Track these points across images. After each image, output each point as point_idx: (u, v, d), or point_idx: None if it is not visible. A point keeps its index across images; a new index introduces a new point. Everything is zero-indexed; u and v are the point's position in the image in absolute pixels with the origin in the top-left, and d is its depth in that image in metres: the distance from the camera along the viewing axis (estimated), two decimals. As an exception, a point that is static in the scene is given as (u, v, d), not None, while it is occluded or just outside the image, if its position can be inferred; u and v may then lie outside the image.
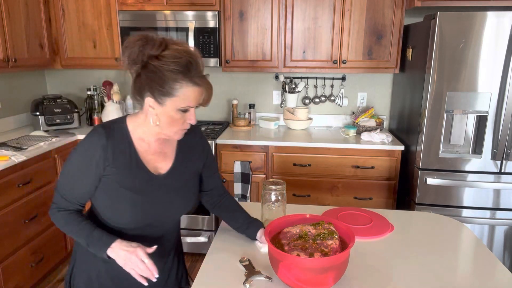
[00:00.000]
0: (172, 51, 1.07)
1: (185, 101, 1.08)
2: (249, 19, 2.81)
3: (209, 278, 1.12)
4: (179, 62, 1.05)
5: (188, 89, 1.07)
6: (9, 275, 2.21)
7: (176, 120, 1.12)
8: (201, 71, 1.10)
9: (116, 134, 1.16)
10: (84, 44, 2.95)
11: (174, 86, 1.06)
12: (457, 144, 2.40)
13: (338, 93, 3.17)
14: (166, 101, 1.08)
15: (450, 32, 2.21)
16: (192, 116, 1.13)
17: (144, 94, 1.10)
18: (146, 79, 1.07)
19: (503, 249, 2.48)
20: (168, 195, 1.21)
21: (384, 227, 1.43)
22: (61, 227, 1.19)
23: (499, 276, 1.14)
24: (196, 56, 1.10)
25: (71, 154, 1.16)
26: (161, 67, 1.05)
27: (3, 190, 2.14)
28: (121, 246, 1.11)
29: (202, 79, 1.09)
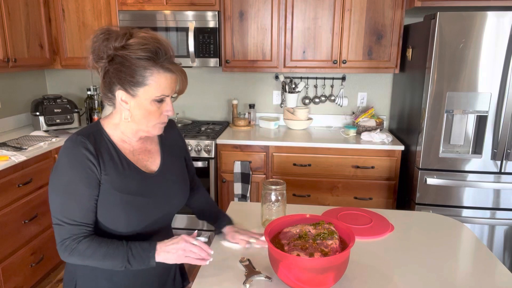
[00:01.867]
0: (138, 38, 1.02)
1: (159, 89, 1.03)
2: (249, 19, 2.81)
3: (209, 278, 1.12)
4: (147, 48, 1.00)
5: (160, 75, 1.02)
6: (9, 275, 2.21)
7: (152, 112, 1.07)
8: (172, 57, 1.05)
9: (97, 140, 1.09)
10: (84, 44, 2.95)
11: (145, 73, 1.01)
12: (457, 144, 2.40)
13: (338, 93, 3.17)
14: (139, 91, 1.03)
15: (450, 32, 2.21)
16: (168, 106, 1.08)
17: (114, 88, 1.05)
18: (115, 72, 1.02)
19: (503, 249, 2.48)
20: (166, 191, 1.19)
21: (384, 227, 1.43)
22: (86, 258, 1.04)
23: (499, 276, 1.14)
24: (165, 42, 1.05)
25: (57, 175, 1.04)
26: (128, 56, 1.00)
27: (3, 190, 2.14)
28: (165, 245, 1.07)
29: (174, 65, 1.05)
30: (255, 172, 2.76)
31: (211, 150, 2.72)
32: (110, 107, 1.16)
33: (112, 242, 1.06)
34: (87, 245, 1.04)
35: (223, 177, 2.79)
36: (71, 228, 1.04)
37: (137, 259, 1.05)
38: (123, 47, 1.02)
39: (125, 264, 1.05)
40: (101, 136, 1.11)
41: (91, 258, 1.04)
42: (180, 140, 1.34)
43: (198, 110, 3.36)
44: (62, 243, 1.04)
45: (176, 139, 1.32)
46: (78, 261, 1.05)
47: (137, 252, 1.05)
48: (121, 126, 1.13)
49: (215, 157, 2.76)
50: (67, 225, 1.03)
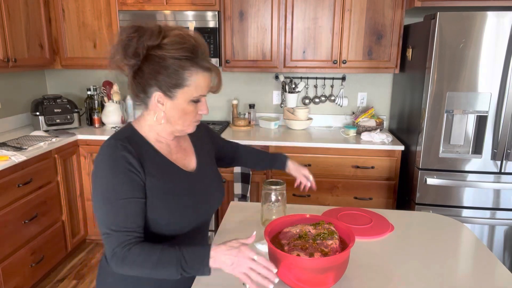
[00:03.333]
0: (174, 36, 0.97)
1: (197, 89, 1.00)
2: (249, 19, 2.81)
3: (209, 278, 1.12)
4: (185, 47, 0.96)
5: (199, 76, 0.99)
6: (9, 275, 2.21)
7: (189, 112, 1.03)
8: (206, 54, 1.01)
9: (135, 142, 1.04)
10: (84, 44, 2.95)
11: (184, 75, 0.97)
12: (457, 144, 2.40)
13: (338, 93, 3.17)
14: (177, 93, 0.99)
15: (450, 32, 2.21)
16: (203, 106, 1.05)
17: (149, 89, 1.00)
18: (150, 72, 0.98)
19: (503, 249, 2.48)
20: (206, 189, 1.16)
21: (384, 227, 1.43)
22: (138, 267, 0.95)
23: (499, 276, 1.14)
24: (201, 39, 1.00)
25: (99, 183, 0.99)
26: (166, 56, 0.95)
27: (3, 190, 2.14)
28: (221, 251, 0.96)
29: (210, 63, 1.01)
30: (255, 172, 2.76)
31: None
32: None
33: (164, 249, 0.96)
34: (138, 252, 0.95)
35: (223, 177, 2.79)
36: (119, 236, 0.96)
37: (191, 267, 0.96)
38: (159, 46, 0.96)
39: (179, 272, 0.95)
40: (138, 138, 1.06)
41: (143, 266, 0.95)
42: (206, 132, 1.33)
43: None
44: (113, 254, 0.96)
45: (203, 136, 1.29)
46: (130, 271, 0.96)
47: (190, 260, 0.96)
48: (156, 127, 1.08)
49: (215, 157, 2.76)
50: (115, 233, 0.96)
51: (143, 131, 1.08)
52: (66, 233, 2.77)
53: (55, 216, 2.63)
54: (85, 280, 2.63)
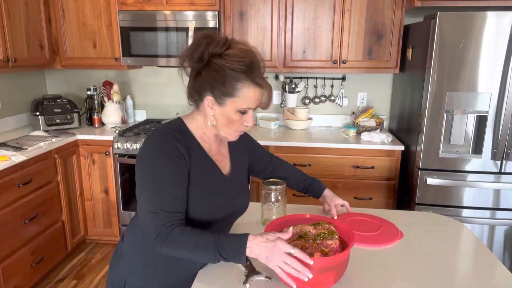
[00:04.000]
0: (236, 50, 1.05)
1: (246, 102, 1.07)
2: (249, 19, 2.81)
3: (209, 278, 1.12)
4: (243, 61, 1.03)
5: (250, 89, 1.06)
6: (9, 275, 2.21)
7: (234, 121, 1.10)
8: (263, 72, 1.09)
9: (184, 134, 1.13)
10: (84, 44, 2.95)
11: (236, 86, 1.04)
12: (457, 144, 2.40)
13: (338, 93, 3.17)
14: (227, 101, 1.06)
15: (450, 32, 2.21)
16: (249, 118, 1.12)
17: (204, 93, 1.08)
18: (208, 78, 1.06)
19: (503, 249, 2.48)
20: (235, 194, 1.23)
21: (392, 234, 1.37)
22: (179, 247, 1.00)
23: (499, 276, 1.14)
24: (259, 56, 1.08)
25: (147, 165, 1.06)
26: (224, 66, 1.03)
27: (3, 190, 2.14)
28: (257, 242, 0.98)
29: (264, 81, 1.08)
30: (255, 172, 2.76)
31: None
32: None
33: (204, 232, 1.01)
34: (180, 232, 1.01)
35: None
36: (167, 216, 1.02)
37: (227, 252, 0.99)
38: (221, 55, 1.05)
39: (217, 257, 1.00)
40: (187, 131, 1.14)
41: (183, 246, 1.00)
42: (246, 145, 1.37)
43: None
44: (158, 233, 1.01)
45: (241, 144, 1.34)
46: (171, 250, 1.01)
47: (228, 246, 0.99)
48: (203, 127, 1.16)
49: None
50: (163, 213, 1.02)
51: (191, 127, 1.16)
52: (66, 233, 2.77)
53: (55, 216, 2.63)
54: (85, 280, 2.63)
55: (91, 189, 2.95)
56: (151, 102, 3.41)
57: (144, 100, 3.41)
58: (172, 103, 3.39)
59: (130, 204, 2.90)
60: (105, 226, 3.01)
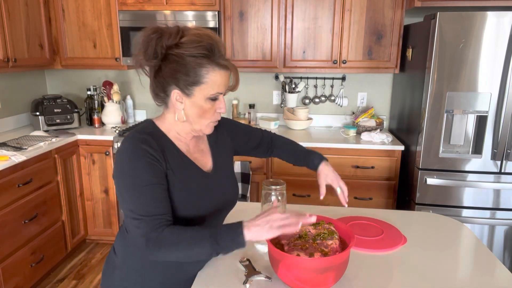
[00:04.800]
0: (191, 36, 1.00)
1: (214, 86, 1.02)
2: (249, 19, 2.81)
3: (209, 278, 1.12)
4: (202, 45, 0.99)
5: (215, 73, 1.01)
6: (9, 275, 2.21)
7: (207, 110, 1.05)
8: (224, 53, 1.04)
9: (157, 137, 1.07)
10: (84, 44, 2.95)
11: (201, 72, 1.00)
12: (457, 144, 2.40)
13: (338, 93, 3.17)
14: (194, 91, 1.02)
15: (450, 32, 2.21)
16: (221, 103, 1.07)
17: (168, 88, 1.04)
18: (169, 71, 1.01)
19: (503, 249, 2.48)
20: (220, 190, 1.19)
21: (396, 239, 1.35)
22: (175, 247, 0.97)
23: (499, 276, 1.14)
24: (217, 38, 1.03)
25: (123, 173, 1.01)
26: (183, 54, 0.98)
27: (3, 190, 2.14)
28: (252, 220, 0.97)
29: (228, 61, 1.03)
30: (255, 172, 2.76)
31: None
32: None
33: (196, 227, 0.99)
34: (170, 232, 0.97)
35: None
36: (150, 220, 0.98)
37: (226, 241, 0.95)
38: (177, 45, 1.00)
39: (214, 248, 0.96)
40: (160, 134, 1.09)
41: (177, 245, 0.96)
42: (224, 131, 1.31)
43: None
44: (147, 239, 0.97)
45: (222, 134, 1.29)
46: (167, 252, 0.97)
47: (224, 231, 0.96)
48: (175, 126, 1.11)
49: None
50: (146, 218, 0.98)
51: (164, 128, 1.11)
52: (66, 233, 2.77)
53: (55, 216, 2.63)
54: (85, 280, 2.63)
55: (91, 189, 2.95)
56: (151, 102, 3.41)
57: (144, 100, 3.41)
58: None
59: (130, 204, 2.90)
60: (105, 226, 3.01)
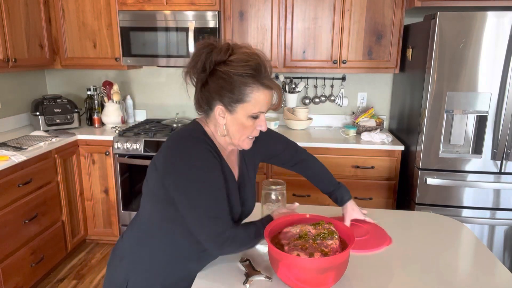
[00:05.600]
0: (240, 54, 1.04)
1: (257, 106, 1.05)
2: (249, 19, 2.81)
3: (209, 278, 1.12)
4: (249, 65, 1.02)
5: (259, 93, 1.04)
6: (9, 275, 2.21)
7: (247, 127, 1.09)
8: (270, 73, 1.07)
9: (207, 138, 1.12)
10: (84, 44, 2.95)
11: (245, 91, 1.03)
12: (457, 144, 2.40)
13: (338, 93, 3.17)
14: (237, 108, 1.05)
15: (450, 32, 2.21)
16: (262, 122, 1.10)
17: (213, 102, 1.07)
18: (215, 87, 1.04)
19: (503, 249, 2.48)
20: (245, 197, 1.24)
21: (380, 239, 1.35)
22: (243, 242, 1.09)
23: (499, 276, 1.14)
24: (265, 58, 1.07)
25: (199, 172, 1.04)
26: (230, 72, 1.02)
27: (3, 190, 2.14)
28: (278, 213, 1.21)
29: (272, 82, 1.06)
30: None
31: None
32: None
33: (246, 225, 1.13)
34: (242, 229, 1.09)
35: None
36: (228, 219, 1.06)
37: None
38: (225, 62, 1.03)
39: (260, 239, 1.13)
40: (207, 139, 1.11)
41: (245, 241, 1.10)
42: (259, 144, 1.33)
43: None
44: (220, 236, 1.04)
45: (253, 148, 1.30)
46: (235, 248, 1.09)
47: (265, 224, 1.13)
48: (216, 135, 1.15)
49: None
50: (224, 217, 1.06)
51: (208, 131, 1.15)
52: (66, 233, 2.77)
53: (55, 216, 2.63)
54: (85, 280, 2.63)
55: (91, 189, 2.95)
56: (151, 102, 3.41)
57: (144, 100, 3.41)
58: (172, 103, 3.39)
59: (130, 204, 2.90)
60: (105, 226, 3.01)
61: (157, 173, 1.09)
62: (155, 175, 1.09)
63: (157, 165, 1.09)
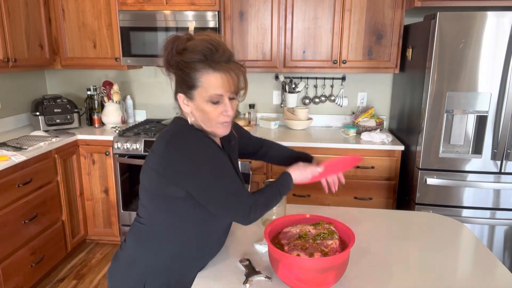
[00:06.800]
0: (194, 41, 1.04)
1: (209, 89, 1.04)
2: (249, 19, 2.81)
3: (209, 278, 1.12)
4: (198, 50, 1.02)
5: (209, 76, 1.03)
6: (9, 275, 2.21)
7: (209, 112, 1.07)
8: (223, 55, 1.04)
9: None
10: (84, 44, 2.95)
11: (195, 76, 1.04)
12: (457, 144, 2.40)
13: (338, 93, 3.16)
14: (194, 94, 1.06)
15: (450, 32, 2.21)
16: (226, 107, 1.07)
17: (176, 93, 1.11)
18: (176, 77, 1.09)
19: (503, 249, 2.48)
20: None
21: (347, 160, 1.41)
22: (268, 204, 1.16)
23: (499, 276, 1.14)
24: (218, 41, 1.05)
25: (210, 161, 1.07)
26: (183, 60, 1.04)
27: (3, 190, 2.14)
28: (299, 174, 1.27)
29: (224, 64, 1.04)
30: (255, 172, 2.76)
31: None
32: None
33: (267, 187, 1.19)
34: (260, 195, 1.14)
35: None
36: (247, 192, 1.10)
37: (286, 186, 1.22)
38: (180, 53, 1.05)
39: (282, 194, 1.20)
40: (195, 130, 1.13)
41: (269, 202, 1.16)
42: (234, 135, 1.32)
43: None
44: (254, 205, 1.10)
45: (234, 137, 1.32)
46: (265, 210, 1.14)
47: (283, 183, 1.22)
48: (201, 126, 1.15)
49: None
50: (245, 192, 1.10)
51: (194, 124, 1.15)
52: (66, 233, 2.77)
53: (55, 216, 2.63)
54: (85, 280, 2.63)
55: (91, 189, 2.95)
56: (151, 102, 3.41)
57: (144, 100, 3.41)
58: (172, 103, 3.37)
59: (130, 204, 2.90)
60: (105, 226, 3.01)
61: (158, 175, 1.07)
62: (156, 177, 1.08)
63: (156, 167, 1.07)
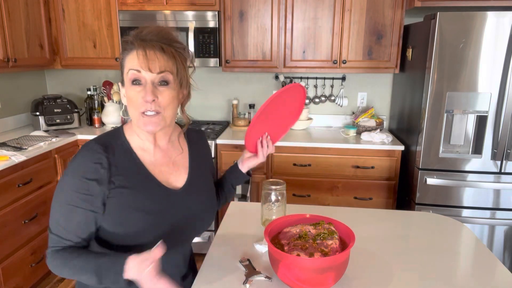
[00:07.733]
0: None
1: (128, 64, 0.98)
2: (249, 19, 2.81)
3: (209, 278, 1.12)
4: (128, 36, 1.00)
5: (128, 56, 0.99)
6: (9, 275, 2.21)
7: (132, 98, 0.98)
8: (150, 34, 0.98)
9: (116, 148, 1.01)
10: (84, 44, 2.95)
11: (123, 56, 1.01)
12: (457, 144, 2.40)
13: (338, 93, 3.16)
14: (124, 78, 1.02)
15: (450, 32, 2.21)
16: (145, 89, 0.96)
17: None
18: None
19: (503, 249, 2.48)
20: (189, 212, 1.09)
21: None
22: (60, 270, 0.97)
23: (499, 276, 1.14)
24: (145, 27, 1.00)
25: (61, 179, 0.98)
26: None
27: (3, 190, 2.14)
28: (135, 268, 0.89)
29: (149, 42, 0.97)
30: (255, 172, 2.76)
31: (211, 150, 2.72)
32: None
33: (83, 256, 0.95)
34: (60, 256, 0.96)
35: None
36: (54, 238, 0.98)
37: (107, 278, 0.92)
38: None
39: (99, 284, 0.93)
40: (120, 143, 1.04)
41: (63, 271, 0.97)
42: (209, 153, 1.28)
43: (198, 110, 3.36)
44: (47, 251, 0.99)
45: (206, 152, 1.26)
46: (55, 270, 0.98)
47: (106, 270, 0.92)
48: (135, 128, 1.06)
49: (215, 157, 2.76)
50: (52, 235, 0.98)
51: (128, 135, 1.06)
52: (66, 233, 2.76)
53: (55, 216, 2.63)
54: (85, 280, 2.63)
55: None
56: (151, 102, 3.41)
57: (144, 100, 3.41)
58: (172, 103, 3.39)
59: (130, 204, 2.90)
60: (105, 226, 3.00)
61: None
62: None
63: None
